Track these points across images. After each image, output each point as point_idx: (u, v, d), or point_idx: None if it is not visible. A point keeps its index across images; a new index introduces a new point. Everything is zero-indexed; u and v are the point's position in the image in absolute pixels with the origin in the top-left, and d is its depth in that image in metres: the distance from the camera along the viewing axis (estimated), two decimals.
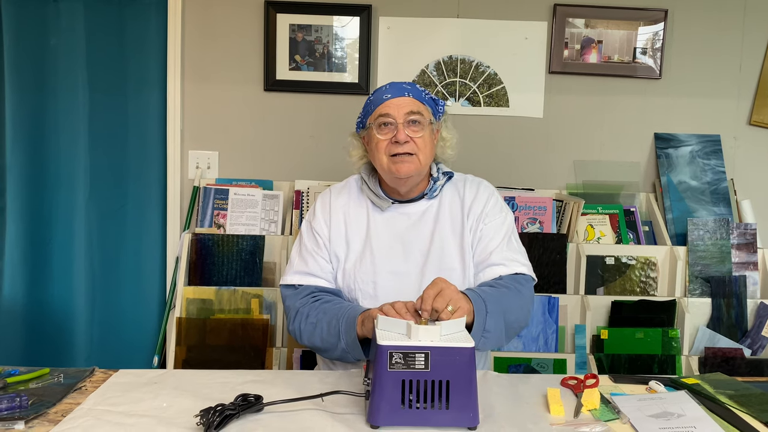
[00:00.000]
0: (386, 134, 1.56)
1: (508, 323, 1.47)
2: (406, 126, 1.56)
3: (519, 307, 1.52)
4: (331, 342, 1.49)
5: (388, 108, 1.56)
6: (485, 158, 2.66)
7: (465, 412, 1.16)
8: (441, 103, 1.66)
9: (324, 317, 1.52)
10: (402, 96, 1.58)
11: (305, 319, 1.55)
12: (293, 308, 1.59)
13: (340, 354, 1.50)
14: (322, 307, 1.55)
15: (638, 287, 2.50)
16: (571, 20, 2.65)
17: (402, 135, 1.54)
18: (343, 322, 1.47)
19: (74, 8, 2.60)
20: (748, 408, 1.29)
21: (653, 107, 2.72)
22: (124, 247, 2.70)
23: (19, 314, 2.66)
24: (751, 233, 2.53)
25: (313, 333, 1.53)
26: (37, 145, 2.64)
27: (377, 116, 1.58)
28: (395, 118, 1.55)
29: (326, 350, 1.53)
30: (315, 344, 1.55)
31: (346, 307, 1.52)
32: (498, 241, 1.59)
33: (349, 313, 1.48)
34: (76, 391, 1.32)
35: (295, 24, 2.64)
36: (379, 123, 1.57)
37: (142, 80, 2.66)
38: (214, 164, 2.68)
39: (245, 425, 1.17)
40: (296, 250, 1.67)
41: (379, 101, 1.59)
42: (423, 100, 1.60)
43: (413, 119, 1.56)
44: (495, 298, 1.45)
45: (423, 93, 1.61)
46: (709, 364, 2.35)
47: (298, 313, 1.57)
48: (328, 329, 1.49)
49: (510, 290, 1.51)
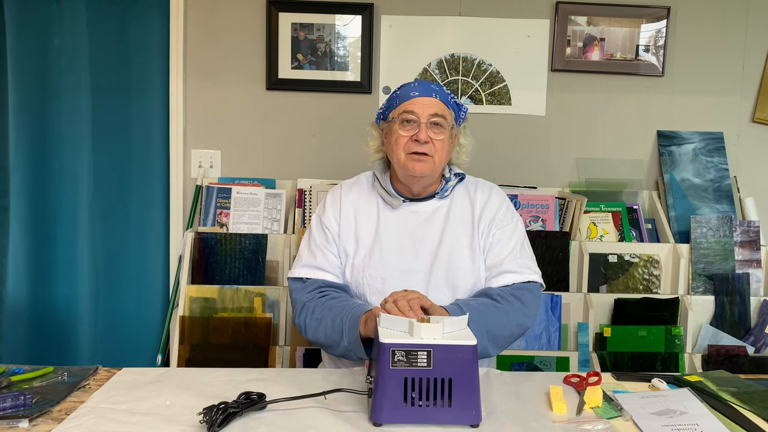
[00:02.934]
0: (408, 131, 1.58)
1: (492, 334, 1.50)
2: (429, 127, 1.57)
3: (507, 319, 1.53)
4: (334, 339, 1.50)
5: (414, 106, 1.58)
6: (488, 156, 2.66)
7: (467, 410, 1.17)
8: (464, 108, 1.67)
9: (329, 314, 1.53)
10: (429, 96, 1.59)
11: (311, 314, 1.56)
12: (300, 302, 1.60)
13: (342, 351, 1.51)
14: (328, 303, 1.56)
15: (641, 285, 2.50)
16: (574, 18, 2.65)
17: (423, 135, 1.56)
18: (347, 320, 1.48)
19: (77, 8, 2.61)
20: (751, 405, 1.28)
21: (656, 105, 2.71)
22: (127, 246, 2.71)
23: (23, 313, 2.67)
24: (755, 230, 2.53)
25: (317, 329, 1.54)
26: (40, 145, 2.65)
27: (402, 111, 1.59)
28: (419, 116, 1.57)
29: (330, 346, 1.55)
30: (319, 340, 1.56)
31: (351, 306, 1.53)
32: (511, 247, 1.62)
33: (353, 312, 1.49)
34: (80, 389, 1.32)
35: (297, 23, 2.64)
36: (402, 119, 1.59)
37: (145, 80, 2.66)
38: (216, 163, 2.69)
39: (248, 423, 1.18)
40: (305, 243, 1.68)
41: (405, 97, 1.60)
42: (448, 104, 1.62)
43: (436, 121, 1.58)
44: (478, 311, 1.48)
45: (449, 96, 1.63)
46: (712, 361, 2.35)
47: (305, 307, 1.58)
48: (332, 326, 1.50)
49: (504, 303, 1.54)
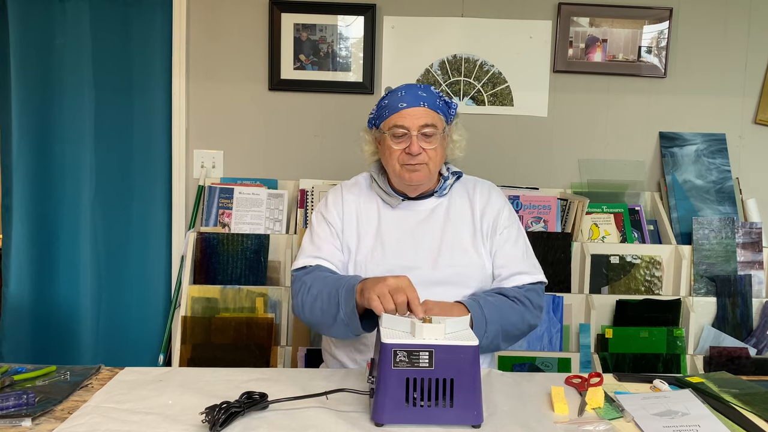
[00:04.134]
0: (400, 144, 1.59)
1: (505, 330, 1.54)
2: (420, 138, 1.58)
3: (521, 319, 1.58)
4: (330, 313, 1.48)
5: (404, 119, 1.58)
6: (489, 157, 2.66)
7: (469, 410, 1.17)
8: (454, 105, 1.67)
9: (325, 288, 1.52)
10: (417, 106, 1.59)
11: (308, 291, 1.55)
12: (298, 279, 1.60)
13: (340, 329, 1.49)
14: (325, 278, 1.55)
15: (643, 286, 2.50)
16: (576, 19, 2.65)
17: (415, 147, 1.57)
18: (342, 291, 1.47)
19: (80, 8, 2.61)
20: (753, 407, 1.28)
21: (658, 106, 2.71)
22: (129, 246, 2.71)
23: (26, 312, 2.68)
24: (757, 232, 2.53)
25: (313, 305, 1.52)
26: (43, 144, 2.66)
27: (392, 125, 1.60)
28: (409, 129, 1.58)
29: (326, 323, 1.52)
30: (315, 317, 1.54)
31: (347, 278, 1.52)
32: (519, 248, 1.66)
33: (348, 282, 1.48)
34: (83, 388, 1.33)
35: (299, 23, 2.64)
36: (393, 133, 1.60)
37: (148, 79, 2.66)
38: (219, 163, 2.69)
39: (250, 423, 1.18)
40: (308, 238, 1.68)
41: (394, 109, 1.60)
42: (437, 108, 1.61)
43: (426, 132, 1.58)
44: (496, 307, 1.53)
45: (437, 99, 1.62)
46: (714, 363, 2.34)
47: (303, 284, 1.57)
48: (328, 299, 1.49)
49: (519, 304, 1.58)
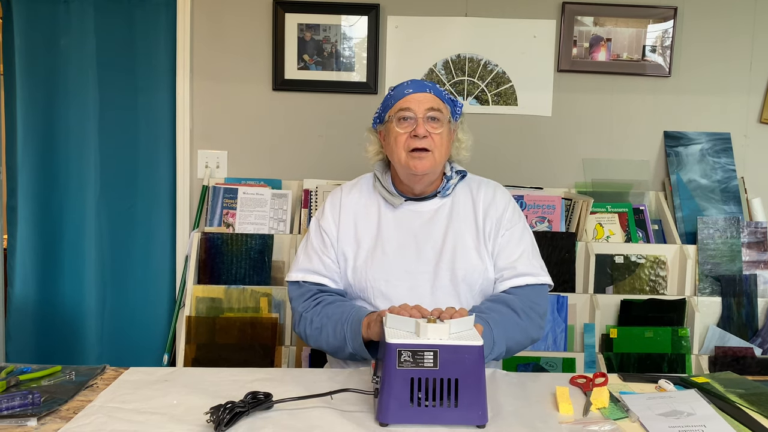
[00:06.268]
0: (406, 128, 1.58)
1: (509, 346, 1.51)
2: (426, 122, 1.57)
3: (525, 335, 1.55)
4: (337, 346, 1.51)
5: (409, 102, 1.58)
6: (494, 157, 2.66)
7: (474, 410, 1.16)
8: (459, 104, 1.67)
9: (328, 322, 1.52)
10: (423, 92, 1.60)
11: (309, 324, 1.56)
12: (297, 312, 1.61)
13: (347, 356, 1.52)
14: (325, 311, 1.55)
15: (648, 286, 2.49)
16: (580, 18, 2.64)
17: (422, 129, 1.56)
18: (348, 327, 1.47)
19: (84, 8, 2.62)
20: (759, 407, 1.28)
21: (663, 105, 2.70)
22: (134, 246, 2.72)
23: (31, 312, 2.69)
24: (762, 232, 2.52)
25: (318, 338, 1.55)
26: (47, 145, 2.66)
27: (398, 110, 1.59)
28: (415, 112, 1.57)
29: (334, 353, 1.55)
30: (322, 347, 1.57)
31: (348, 310, 1.52)
32: (522, 249, 1.62)
33: (352, 318, 1.48)
34: (88, 388, 1.33)
35: (303, 23, 2.64)
36: (399, 117, 1.58)
37: (152, 80, 2.67)
38: (223, 163, 2.69)
39: (255, 423, 1.18)
40: (303, 247, 1.68)
41: (400, 95, 1.60)
42: (443, 99, 1.62)
43: (433, 115, 1.58)
44: (502, 324, 1.49)
45: (443, 93, 1.64)
46: (720, 363, 2.34)
47: (302, 318, 1.59)
48: (333, 334, 1.50)
49: (525, 318, 1.54)
